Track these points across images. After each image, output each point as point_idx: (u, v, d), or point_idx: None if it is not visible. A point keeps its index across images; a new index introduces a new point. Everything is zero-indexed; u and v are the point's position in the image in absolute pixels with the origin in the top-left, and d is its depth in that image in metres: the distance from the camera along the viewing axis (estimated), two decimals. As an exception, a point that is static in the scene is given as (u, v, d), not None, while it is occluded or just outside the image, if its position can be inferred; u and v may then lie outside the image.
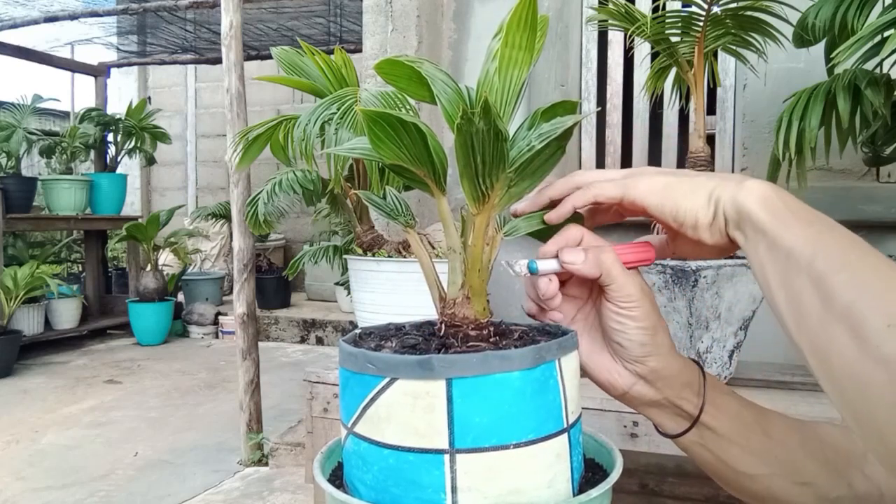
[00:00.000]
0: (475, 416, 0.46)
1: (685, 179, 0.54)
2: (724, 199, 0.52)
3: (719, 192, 0.53)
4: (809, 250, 0.46)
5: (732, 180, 0.53)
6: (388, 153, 0.48)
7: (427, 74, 0.49)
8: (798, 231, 0.48)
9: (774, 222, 0.49)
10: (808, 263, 0.46)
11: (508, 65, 0.47)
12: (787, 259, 0.47)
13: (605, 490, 0.50)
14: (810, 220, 0.50)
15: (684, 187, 0.54)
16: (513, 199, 0.50)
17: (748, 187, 0.51)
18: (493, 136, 0.42)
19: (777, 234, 0.49)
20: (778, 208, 0.50)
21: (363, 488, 0.50)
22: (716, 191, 0.53)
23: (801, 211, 0.50)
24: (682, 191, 0.54)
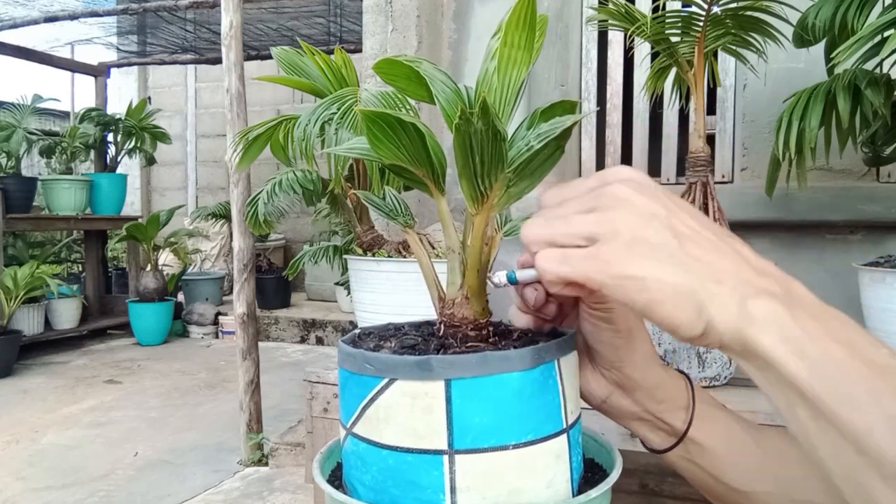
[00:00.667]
0: (474, 417, 0.46)
1: (668, 270, 0.39)
2: (721, 325, 0.39)
3: (713, 312, 0.39)
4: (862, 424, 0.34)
5: (729, 290, 0.39)
6: (386, 153, 0.47)
7: (426, 74, 0.49)
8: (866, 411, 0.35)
9: (804, 371, 0.36)
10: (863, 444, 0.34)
11: (507, 64, 0.47)
12: (831, 427, 0.35)
13: (604, 490, 0.50)
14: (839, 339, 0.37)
15: (666, 288, 0.39)
16: (511, 198, 0.50)
17: (756, 316, 0.38)
18: (492, 136, 0.42)
19: (813, 392, 0.36)
20: (799, 342, 0.37)
21: (362, 489, 0.50)
22: (707, 307, 0.39)
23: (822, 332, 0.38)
24: (662, 294, 0.39)
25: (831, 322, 0.38)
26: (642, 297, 0.39)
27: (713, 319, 0.39)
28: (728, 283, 0.39)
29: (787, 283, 0.40)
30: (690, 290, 0.39)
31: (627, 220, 0.40)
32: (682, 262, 0.39)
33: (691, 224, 0.41)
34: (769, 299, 0.38)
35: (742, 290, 0.39)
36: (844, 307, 1.40)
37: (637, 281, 0.39)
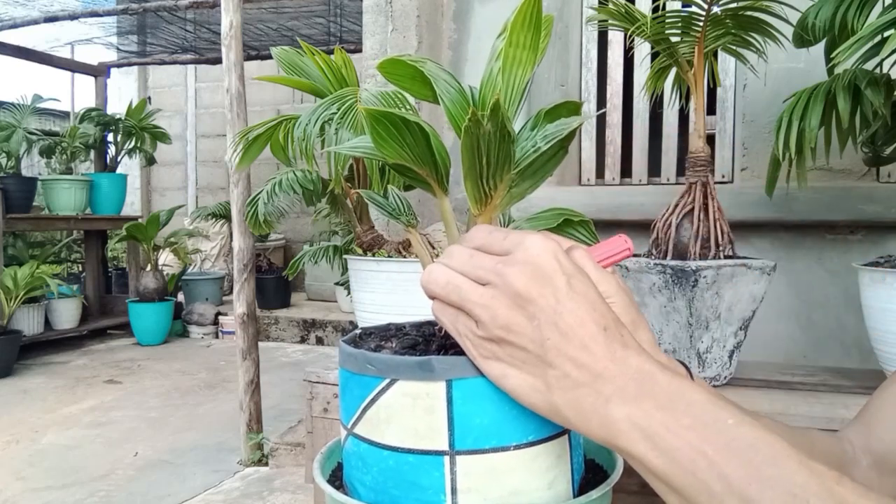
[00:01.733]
0: (475, 418, 0.46)
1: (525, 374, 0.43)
2: (578, 422, 0.42)
3: (567, 414, 0.42)
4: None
5: (582, 396, 0.41)
6: (390, 152, 0.47)
7: (430, 74, 0.49)
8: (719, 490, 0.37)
9: (664, 465, 0.39)
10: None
11: (513, 64, 0.47)
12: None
13: (605, 491, 0.50)
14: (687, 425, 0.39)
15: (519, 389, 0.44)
16: (514, 199, 0.50)
17: (613, 420, 0.40)
18: (501, 137, 0.42)
19: (675, 483, 0.39)
20: (655, 438, 0.39)
21: (363, 489, 0.50)
22: (561, 411, 0.42)
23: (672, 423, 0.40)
24: (518, 390, 0.44)
25: (679, 406, 0.40)
26: (505, 383, 0.44)
27: (568, 418, 0.42)
28: (586, 385, 0.41)
29: (641, 374, 0.41)
30: (545, 388, 0.42)
31: (508, 313, 0.42)
32: (545, 362, 0.42)
33: (572, 321, 0.42)
34: (621, 403, 0.40)
35: (598, 393, 0.41)
36: (844, 307, 1.41)
37: (500, 369, 0.44)
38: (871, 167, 1.74)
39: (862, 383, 1.30)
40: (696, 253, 1.29)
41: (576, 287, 0.43)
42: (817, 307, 1.89)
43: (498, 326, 0.42)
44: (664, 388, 0.41)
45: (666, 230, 1.34)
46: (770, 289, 1.30)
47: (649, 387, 0.41)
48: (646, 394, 0.40)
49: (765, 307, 1.38)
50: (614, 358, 0.42)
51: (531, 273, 0.42)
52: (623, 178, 2.25)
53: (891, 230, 1.81)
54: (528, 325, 0.42)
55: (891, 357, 1.22)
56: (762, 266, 1.25)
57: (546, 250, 0.43)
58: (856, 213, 1.79)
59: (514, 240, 0.44)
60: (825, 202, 1.81)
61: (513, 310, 0.42)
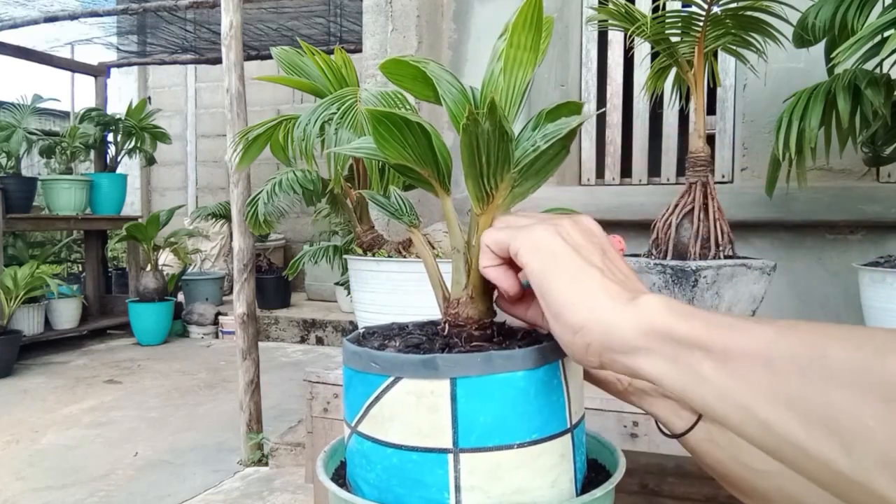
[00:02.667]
0: (479, 416, 0.46)
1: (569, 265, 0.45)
2: (609, 312, 0.43)
3: (602, 301, 0.43)
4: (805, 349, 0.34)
5: (620, 289, 0.44)
6: (392, 153, 0.48)
7: (432, 74, 0.49)
8: (757, 332, 0.37)
9: (714, 331, 0.38)
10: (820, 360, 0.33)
11: (513, 65, 0.47)
12: (772, 368, 0.35)
13: (608, 490, 0.50)
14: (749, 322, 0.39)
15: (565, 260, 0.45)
16: (516, 199, 0.50)
17: (645, 304, 0.42)
18: (499, 136, 0.42)
19: (730, 343, 0.37)
20: (696, 315, 0.40)
21: (366, 487, 0.50)
22: (599, 295, 0.44)
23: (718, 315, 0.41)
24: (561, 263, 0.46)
25: (701, 311, 0.42)
26: (546, 263, 0.46)
27: (601, 306, 0.43)
28: (622, 284, 0.44)
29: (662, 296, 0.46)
30: (587, 276, 0.44)
31: (560, 224, 0.48)
32: (588, 257, 0.46)
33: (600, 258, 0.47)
34: (654, 296, 0.43)
35: (632, 293, 0.44)
36: (844, 307, 1.41)
37: (547, 252, 0.46)
38: (871, 167, 1.75)
39: (862, 383, 1.30)
40: (696, 253, 1.29)
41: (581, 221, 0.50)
42: (817, 307, 1.89)
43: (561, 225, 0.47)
44: (685, 304, 0.43)
45: (666, 230, 1.34)
46: (770, 289, 1.30)
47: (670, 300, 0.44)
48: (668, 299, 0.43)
49: (765, 307, 1.38)
50: (639, 287, 0.46)
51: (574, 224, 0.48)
52: (623, 178, 2.25)
53: (891, 230, 1.82)
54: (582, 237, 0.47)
55: (891, 356, 1.22)
56: (762, 266, 1.25)
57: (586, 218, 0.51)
58: (856, 213, 1.79)
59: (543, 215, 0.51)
60: (825, 202, 1.81)
61: (562, 225, 0.47)
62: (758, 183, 1.82)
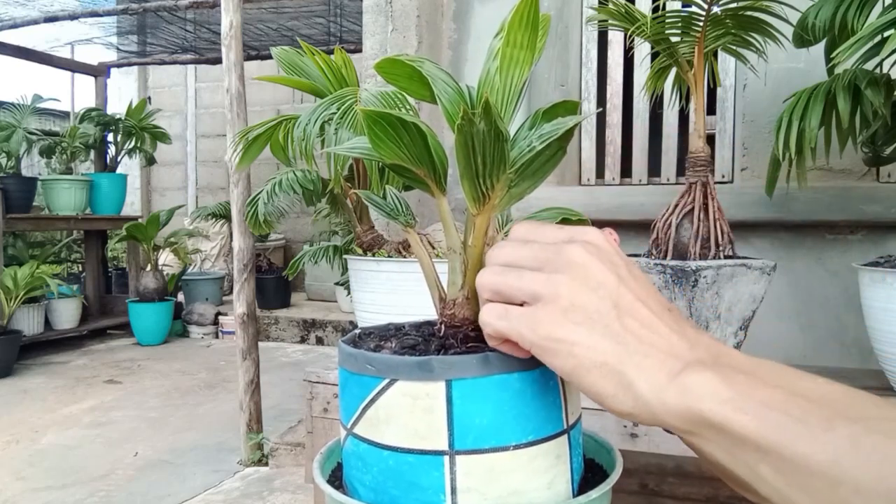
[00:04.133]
0: (475, 418, 0.46)
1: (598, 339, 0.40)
2: (652, 399, 0.39)
3: (641, 386, 0.39)
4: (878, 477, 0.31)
5: (658, 364, 0.39)
6: (388, 153, 0.47)
7: (428, 74, 0.49)
8: (823, 438, 0.33)
9: (772, 430, 0.35)
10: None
11: (510, 64, 0.47)
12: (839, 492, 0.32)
13: (605, 491, 0.50)
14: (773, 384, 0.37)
15: (592, 357, 0.40)
16: (513, 199, 0.50)
17: (691, 387, 0.38)
18: (494, 136, 0.42)
19: (791, 450, 0.34)
20: (738, 399, 0.36)
21: (362, 489, 0.50)
22: (634, 381, 0.39)
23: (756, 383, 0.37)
24: (588, 362, 0.40)
25: (761, 371, 0.38)
26: (568, 362, 0.41)
27: (642, 394, 0.39)
28: (658, 357, 0.40)
29: (717, 349, 0.41)
30: (617, 362, 0.40)
31: (571, 285, 0.41)
32: (614, 335, 0.40)
33: (637, 297, 0.42)
34: (700, 369, 0.38)
35: (671, 365, 0.39)
36: (844, 307, 1.40)
37: (564, 346, 0.40)
38: (871, 167, 1.74)
39: (862, 383, 1.30)
40: (696, 253, 1.29)
41: (635, 271, 0.43)
42: (817, 307, 1.89)
43: (562, 297, 0.41)
44: (741, 359, 0.39)
45: (666, 230, 1.34)
46: (770, 289, 1.29)
47: (726, 358, 0.40)
48: (723, 363, 0.39)
49: (765, 307, 1.38)
50: (684, 334, 0.41)
51: (593, 250, 0.42)
52: (623, 178, 2.25)
53: (891, 230, 1.81)
54: (593, 295, 0.41)
55: (891, 357, 1.22)
56: (762, 266, 1.25)
57: (605, 236, 0.44)
58: (856, 213, 1.79)
59: (569, 229, 0.45)
60: (825, 202, 1.81)
61: (576, 281, 0.41)
62: (758, 183, 1.82)
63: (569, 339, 0.40)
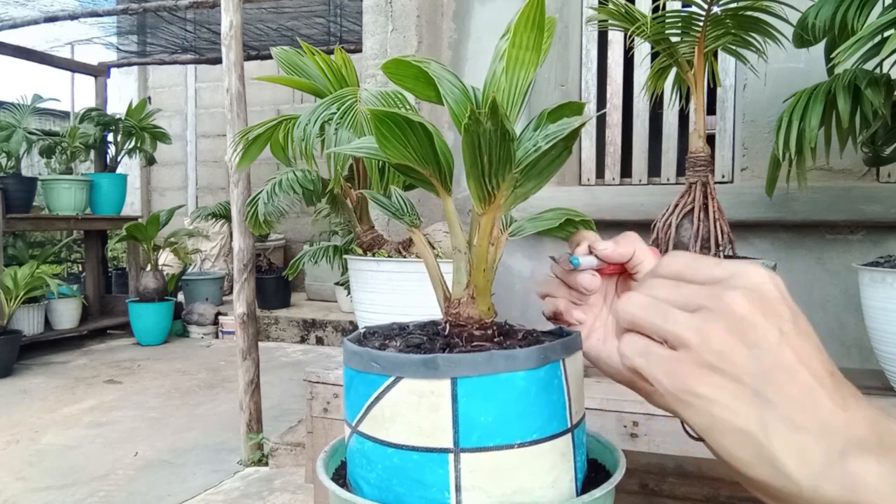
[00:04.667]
0: (480, 416, 0.46)
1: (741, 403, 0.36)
2: (802, 478, 0.35)
3: (786, 462, 0.35)
4: None
5: (812, 440, 0.35)
6: (394, 153, 0.48)
7: (434, 74, 0.49)
8: None
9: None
10: None
11: (516, 65, 0.47)
12: None
13: (608, 490, 0.50)
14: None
15: (730, 420, 0.36)
16: (518, 199, 0.50)
17: (857, 478, 0.34)
18: (501, 136, 0.42)
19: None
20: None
21: (367, 487, 0.50)
22: (778, 454, 0.35)
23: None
24: (725, 425, 0.37)
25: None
26: (704, 421, 0.37)
27: (789, 473, 0.35)
28: (812, 433, 0.35)
29: (882, 425, 0.36)
30: (761, 433, 0.36)
31: (724, 337, 0.37)
32: (764, 401, 0.36)
33: (798, 358, 0.37)
34: (864, 454, 0.34)
35: (828, 443, 0.35)
36: (844, 307, 1.41)
37: (703, 402, 0.37)
38: (871, 167, 1.75)
39: (862, 383, 1.30)
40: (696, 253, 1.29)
41: (801, 325, 0.38)
42: (817, 307, 1.89)
43: (710, 350, 0.37)
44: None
45: (666, 230, 1.34)
46: (770, 288, 1.29)
47: (891, 438, 0.35)
48: (890, 445, 0.34)
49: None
50: (846, 406, 0.36)
51: (756, 298, 0.38)
52: (623, 178, 2.25)
53: (891, 230, 1.82)
54: (747, 353, 0.36)
55: (891, 357, 1.22)
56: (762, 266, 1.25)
57: (771, 279, 0.39)
58: (856, 213, 1.79)
59: (730, 267, 0.40)
60: (825, 202, 1.81)
61: (731, 334, 0.37)
62: (758, 183, 1.82)
63: (710, 397, 0.37)
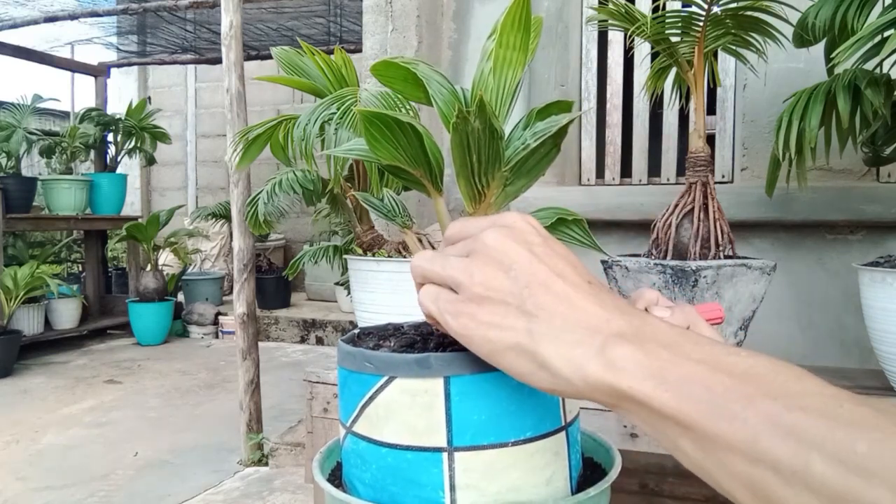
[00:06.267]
0: (473, 414, 0.46)
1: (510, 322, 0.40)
2: (571, 375, 0.38)
3: (556, 363, 0.38)
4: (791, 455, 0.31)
5: (575, 340, 0.38)
6: (384, 153, 0.48)
7: (422, 76, 0.49)
8: (743, 415, 0.33)
9: (691, 406, 0.34)
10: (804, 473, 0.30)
11: (503, 65, 0.47)
12: (756, 468, 0.32)
13: (603, 489, 0.50)
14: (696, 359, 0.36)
15: (505, 339, 0.40)
16: (509, 197, 0.50)
17: (611, 362, 0.37)
18: (489, 134, 0.42)
19: (709, 427, 0.34)
20: (658, 375, 0.36)
21: (362, 487, 0.50)
22: (549, 359, 0.39)
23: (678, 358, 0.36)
24: (502, 345, 0.41)
25: (685, 346, 0.37)
26: (484, 347, 0.41)
27: (558, 371, 0.38)
28: (575, 332, 0.39)
29: (639, 319, 0.39)
30: (529, 342, 0.39)
31: (484, 269, 0.42)
32: (527, 313, 0.40)
33: (553, 271, 0.41)
34: (621, 343, 0.37)
35: (590, 339, 0.38)
36: (844, 307, 1.40)
37: (480, 330, 0.41)
38: (871, 167, 1.75)
39: (862, 383, 1.30)
40: (696, 253, 1.29)
41: (555, 247, 0.43)
42: (817, 307, 1.89)
43: (476, 283, 0.41)
44: (666, 330, 0.38)
45: (666, 230, 1.34)
46: (770, 289, 1.30)
47: (648, 329, 0.38)
48: (647, 336, 0.38)
49: (765, 307, 1.38)
50: (604, 305, 0.40)
51: (507, 232, 0.43)
52: (623, 178, 2.25)
53: (891, 230, 1.81)
54: (504, 277, 0.41)
55: (891, 357, 1.22)
56: (762, 266, 1.25)
57: (522, 218, 0.44)
58: (856, 213, 1.79)
59: (493, 217, 0.45)
60: (825, 202, 1.81)
61: (489, 265, 0.42)
62: (758, 183, 1.82)
63: (484, 323, 0.41)
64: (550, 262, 0.41)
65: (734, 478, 0.33)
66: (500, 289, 0.41)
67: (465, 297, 0.42)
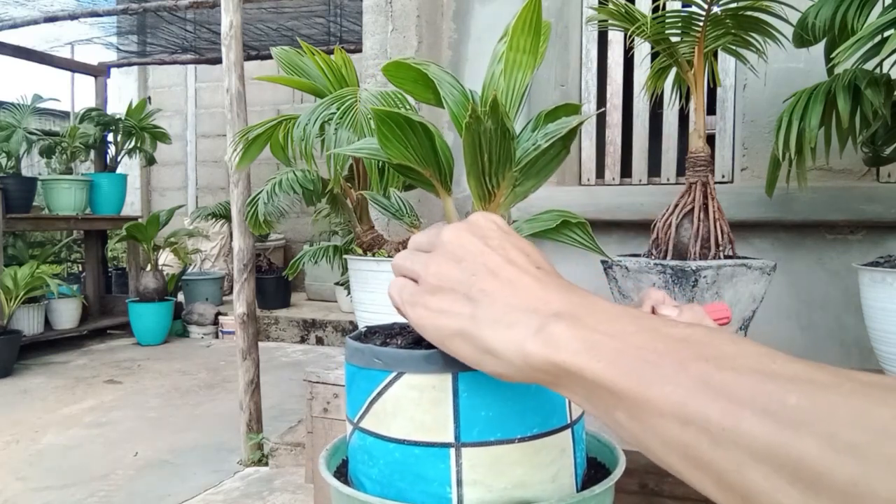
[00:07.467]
0: (481, 410, 0.46)
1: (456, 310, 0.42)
2: (513, 356, 0.39)
3: (498, 346, 0.39)
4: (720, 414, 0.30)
5: (513, 322, 0.39)
6: (395, 153, 0.48)
7: (434, 77, 0.49)
8: (674, 380, 0.32)
9: (623, 376, 0.34)
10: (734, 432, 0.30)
11: (513, 68, 0.48)
12: (687, 431, 0.31)
13: (608, 487, 0.51)
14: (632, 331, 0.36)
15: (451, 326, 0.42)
16: (518, 197, 0.50)
17: (548, 340, 0.37)
18: (501, 134, 0.43)
19: (641, 395, 0.33)
20: (592, 347, 0.36)
21: (369, 483, 0.50)
22: (490, 342, 0.40)
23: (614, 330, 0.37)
24: (449, 332, 0.42)
25: (623, 319, 0.37)
26: (435, 335, 0.44)
27: (501, 353, 0.39)
28: (516, 315, 0.40)
29: (579, 298, 0.40)
30: (473, 327, 0.41)
31: (439, 261, 0.45)
32: (473, 300, 0.41)
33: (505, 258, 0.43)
34: (559, 321, 0.38)
35: (531, 321, 0.39)
36: (844, 307, 1.41)
37: (431, 319, 0.43)
38: (871, 167, 1.75)
39: (861, 382, 1.30)
40: (696, 253, 1.29)
41: (512, 238, 0.45)
42: (817, 307, 1.89)
43: (430, 274, 0.44)
44: (606, 307, 0.39)
45: (666, 230, 1.34)
46: (770, 289, 1.30)
47: (589, 307, 0.39)
48: (585, 313, 0.38)
49: (765, 307, 1.38)
50: (546, 287, 0.41)
51: (465, 227, 0.45)
52: (623, 178, 2.25)
53: (891, 230, 1.82)
54: (455, 267, 0.43)
55: (891, 357, 1.22)
56: (762, 266, 1.25)
57: (484, 216, 0.46)
58: (856, 213, 1.79)
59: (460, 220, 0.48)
60: (825, 202, 1.82)
61: (444, 257, 0.44)
62: (758, 183, 1.82)
63: (435, 311, 0.43)
64: (503, 252, 0.43)
65: (667, 445, 0.33)
66: (450, 278, 0.43)
67: (422, 288, 0.45)
